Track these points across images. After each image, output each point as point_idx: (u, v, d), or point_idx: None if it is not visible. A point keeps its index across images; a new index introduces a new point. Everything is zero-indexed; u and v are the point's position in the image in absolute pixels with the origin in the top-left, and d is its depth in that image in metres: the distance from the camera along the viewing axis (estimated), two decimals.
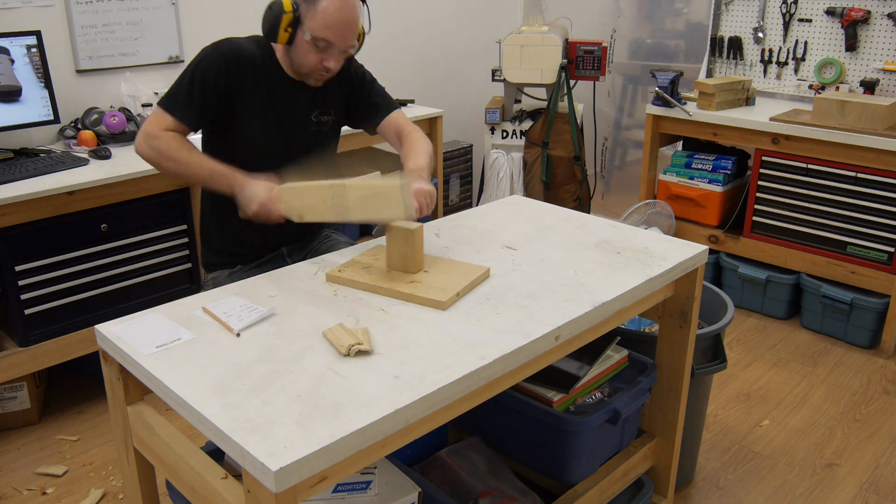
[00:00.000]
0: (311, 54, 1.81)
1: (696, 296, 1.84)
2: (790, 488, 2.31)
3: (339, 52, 1.82)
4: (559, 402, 1.73)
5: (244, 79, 1.83)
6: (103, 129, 2.78)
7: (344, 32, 1.79)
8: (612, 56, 4.27)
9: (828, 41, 3.41)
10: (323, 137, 2.01)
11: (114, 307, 2.59)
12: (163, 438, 1.34)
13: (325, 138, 2.02)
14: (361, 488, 1.52)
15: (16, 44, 2.55)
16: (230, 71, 1.80)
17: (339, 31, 1.78)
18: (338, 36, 1.78)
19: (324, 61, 1.81)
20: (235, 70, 1.81)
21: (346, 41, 1.81)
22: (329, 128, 2.02)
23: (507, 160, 3.85)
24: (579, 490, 1.80)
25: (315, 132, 1.98)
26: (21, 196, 2.26)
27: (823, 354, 3.09)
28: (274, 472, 1.02)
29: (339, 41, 1.79)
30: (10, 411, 2.56)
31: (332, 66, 1.83)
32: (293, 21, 1.78)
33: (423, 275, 1.61)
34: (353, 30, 1.81)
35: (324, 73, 1.85)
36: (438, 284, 1.56)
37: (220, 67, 1.79)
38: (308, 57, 1.81)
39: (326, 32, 1.76)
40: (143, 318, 1.47)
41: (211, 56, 1.80)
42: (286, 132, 1.93)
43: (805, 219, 3.20)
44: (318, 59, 1.81)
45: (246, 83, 1.84)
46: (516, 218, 2.05)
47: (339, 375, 1.25)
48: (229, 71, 1.80)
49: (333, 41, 1.78)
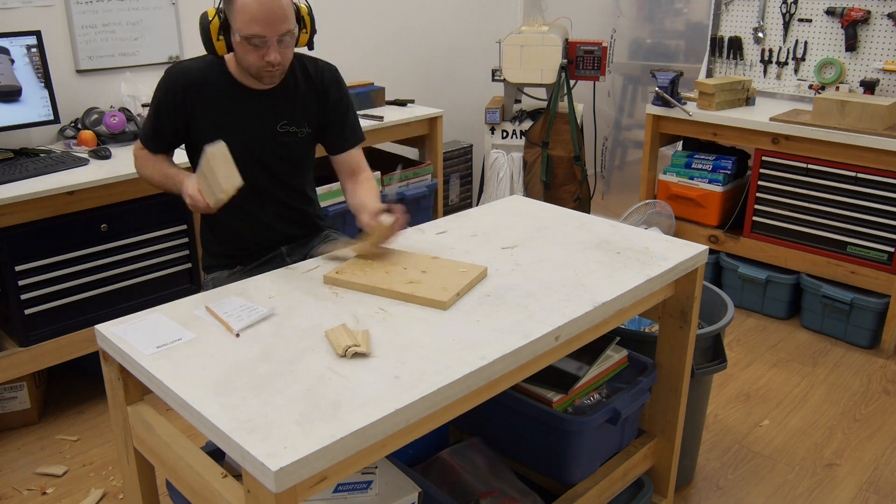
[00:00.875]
0: (249, 54, 1.76)
1: (696, 296, 1.84)
2: (790, 488, 2.31)
3: (277, 42, 1.75)
4: (559, 403, 1.73)
5: (197, 99, 1.86)
6: (103, 129, 2.78)
7: (270, 21, 1.71)
8: (612, 56, 4.27)
9: (828, 41, 3.41)
10: (295, 148, 1.98)
11: (114, 307, 2.59)
12: (163, 438, 1.34)
13: (297, 149, 1.99)
14: (362, 488, 1.52)
15: (16, 44, 2.55)
16: (182, 96, 1.85)
17: (265, 22, 1.71)
18: (266, 26, 1.71)
19: (265, 56, 1.76)
20: (187, 93, 1.85)
21: (277, 29, 1.73)
22: (301, 139, 1.98)
23: (507, 160, 3.85)
24: (579, 490, 1.80)
25: (284, 143, 1.95)
26: (21, 196, 2.27)
27: (823, 354, 3.09)
28: (274, 473, 1.02)
29: (269, 32, 1.72)
30: (10, 411, 2.56)
31: (275, 58, 1.76)
32: (220, 27, 1.77)
33: (421, 275, 1.61)
34: (279, 15, 1.72)
35: (269, 68, 1.79)
36: (438, 284, 1.56)
37: (171, 95, 1.86)
38: (248, 57, 1.77)
39: (253, 27, 1.71)
40: (143, 318, 1.47)
41: (162, 86, 1.88)
42: (250, 143, 1.91)
43: (805, 219, 3.20)
44: (259, 56, 1.76)
45: (199, 103, 1.86)
46: (516, 218, 2.05)
47: (339, 375, 1.25)
48: (181, 96, 1.85)
49: (263, 33, 1.72)
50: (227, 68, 1.90)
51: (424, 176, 3.58)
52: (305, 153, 2.03)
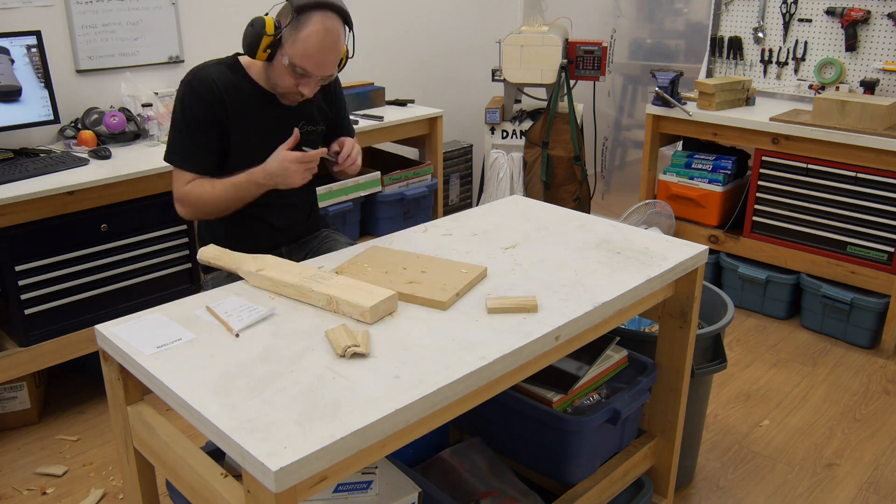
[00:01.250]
0: (287, 77, 1.79)
1: (696, 296, 1.84)
2: (790, 488, 2.31)
3: (317, 81, 1.81)
4: (559, 403, 1.73)
5: (226, 108, 1.84)
6: (103, 129, 2.78)
7: (323, 63, 1.76)
8: (612, 56, 4.27)
9: (828, 41, 3.41)
10: (314, 147, 1.99)
11: (114, 307, 2.59)
12: (163, 438, 1.34)
13: (315, 148, 1.99)
14: (362, 488, 1.52)
15: (16, 44, 2.55)
16: (213, 105, 1.82)
17: (318, 62, 1.75)
18: (316, 66, 1.76)
19: (300, 86, 1.80)
20: (217, 103, 1.83)
21: (325, 71, 1.78)
22: (317, 138, 2.02)
23: (507, 160, 3.85)
24: (579, 490, 1.80)
25: (305, 142, 1.96)
26: (21, 196, 2.27)
27: (823, 354, 3.09)
28: (274, 472, 1.02)
29: (317, 71, 1.77)
30: (10, 411, 2.56)
31: (307, 93, 1.82)
32: (274, 42, 1.77)
33: (421, 275, 1.61)
34: (332, 61, 1.78)
35: (298, 97, 1.85)
36: (438, 284, 1.56)
37: (204, 105, 1.81)
38: (284, 79, 1.80)
39: (305, 62, 1.74)
40: (143, 318, 1.47)
41: (191, 96, 1.81)
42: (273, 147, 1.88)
43: (805, 219, 3.20)
44: (294, 84, 1.80)
45: (229, 111, 1.85)
46: (516, 218, 2.05)
47: (339, 375, 1.25)
48: (212, 105, 1.82)
49: (312, 71, 1.76)
50: (246, 72, 1.89)
51: (424, 176, 3.58)
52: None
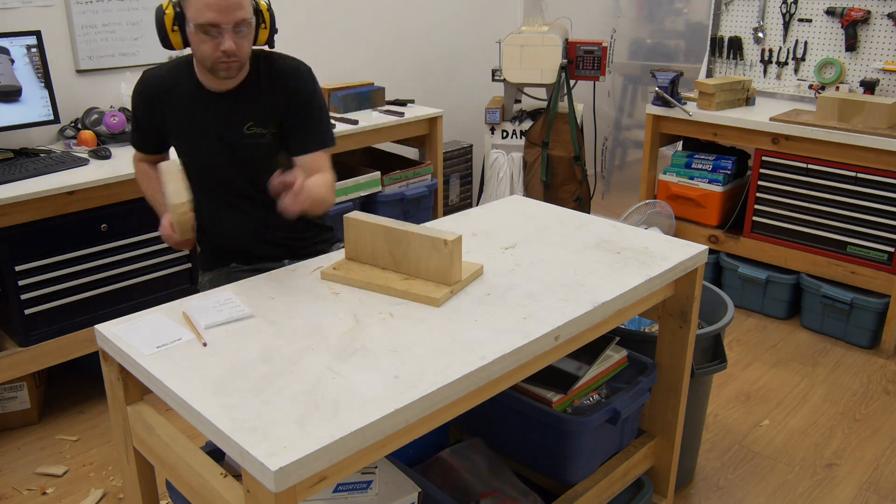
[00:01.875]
0: (203, 45, 1.72)
1: (695, 296, 1.84)
2: (790, 488, 2.31)
3: (232, 30, 1.71)
4: (558, 403, 1.73)
5: (163, 104, 1.89)
6: (103, 129, 2.78)
7: (224, 7, 1.67)
8: (612, 56, 4.27)
9: (828, 41, 3.41)
10: (261, 150, 1.90)
11: (114, 307, 2.59)
12: (163, 438, 1.34)
13: (265, 151, 1.90)
14: (362, 488, 1.52)
15: (16, 44, 2.55)
16: (150, 101, 1.90)
17: (218, 9, 1.67)
18: (219, 13, 1.67)
19: (219, 46, 1.71)
20: (155, 99, 1.89)
21: (231, 16, 1.69)
22: (268, 141, 1.90)
23: (507, 160, 3.85)
24: (579, 490, 1.80)
25: (251, 144, 1.88)
26: (21, 196, 2.27)
27: (823, 354, 3.09)
28: (273, 472, 1.02)
29: (223, 19, 1.68)
30: (10, 411, 2.56)
31: (229, 47, 1.71)
32: (176, 19, 1.76)
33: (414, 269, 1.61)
34: (234, 2, 1.69)
35: (225, 59, 1.74)
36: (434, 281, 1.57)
37: (141, 101, 1.91)
38: (203, 48, 1.73)
39: (206, 14, 1.67)
40: (143, 318, 1.47)
41: (135, 93, 1.93)
42: (216, 147, 1.88)
43: (805, 219, 3.20)
44: (214, 46, 1.71)
45: (165, 107, 1.89)
46: (516, 218, 2.05)
47: (339, 375, 1.25)
48: (149, 101, 1.90)
49: (217, 20, 1.68)
50: (193, 70, 1.86)
51: (424, 176, 3.58)
52: (274, 154, 1.93)
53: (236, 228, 2.00)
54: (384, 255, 1.64)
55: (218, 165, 1.91)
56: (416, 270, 1.60)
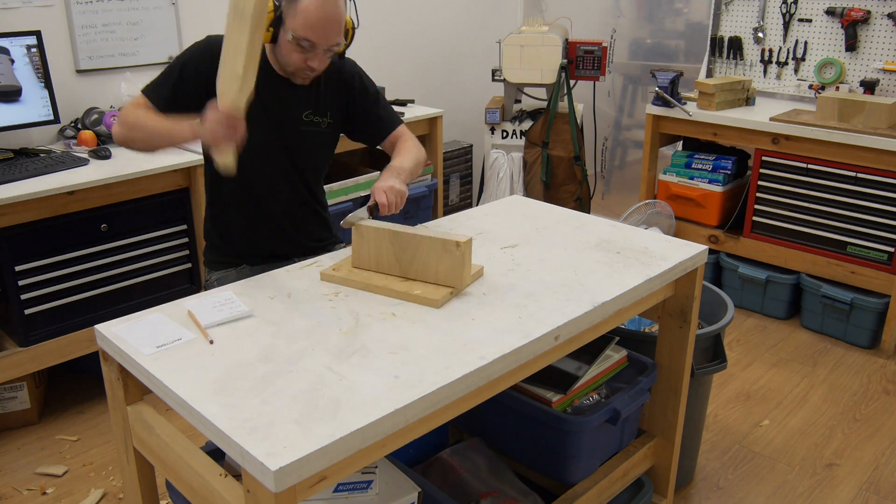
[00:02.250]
0: (294, 54, 1.78)
1: (695, 296, 1.84)
2: (790, 488, 2.31)
3: (324, 51, 1.79)
4: (558, 403, 1.73)
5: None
6: (103, 129, 2.78)
7: (326, 32, 1.75)
8: (612, 56, 4.27)
9: (828, 41, 3.41)
10: (317, 138, 1.98)
11: (114, 307, 2.59)
12: (163, 438, 1.34)
13: (320, 139, 1.99)
14: (362, 488, 1.52)
15: (16, 44, 2.55)
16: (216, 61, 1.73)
17: (321, 31, 1.74)
18: (320, 36, 1.75)
19: (308, 61, 1.79)
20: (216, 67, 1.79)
21: (329, 40, 1.77)
22: (324, 130, 1.99)
23: (507, 160, 3.85)
24: (579, 490, 1.80)
25: (307, 132, 1.95)
26: (21, 196, 2.27)
27: (823, 354, 3.09)
28: (273, 472, 1.02)
29: (321, 41, 1.76)
30: (10, 411, 2.56)
31: (317, 66, 1.80)
32: (275, 20, 1.77)
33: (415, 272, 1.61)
34: (335, 28, 1.77)
35: (308, 72, 1.83)
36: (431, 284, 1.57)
37: (206, 56, 1.78)
38: (292, 56, 1.79)
39: (308, 32, 1.73)
40: (143, 318, 1.47)
41: (199, 49, 1.83)
42: (275, 129, 1.91)
43: (805, 219, 3.20)
44: (302, 59, 1.79)
45: None
46: (516, 218, 2.05)
47: (339, 375, 1.25)
48: (209, 67, 1.75)
49: (315, 41, 1.75)
50: (264, 52, 1.88)
51: (424, 176, 3.58)
52: (326, 145, 2.03)
53: (261, 223, 1.99)
54: (390, 261, 1.64)
55: (268, 149, 1.91)
56: (425, 275, 1.59)
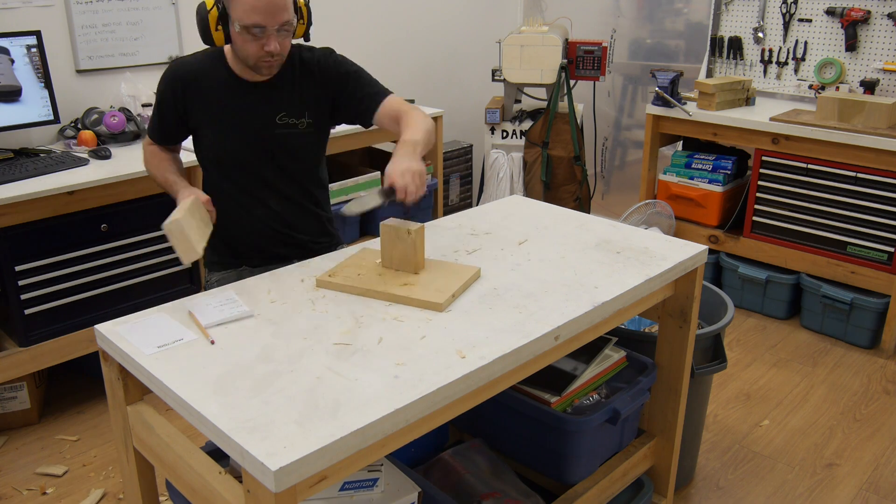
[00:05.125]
0: (248, 44, 1.76)
1: (695, 296, 1.84)
2: (790, 488, 2.31)
3: (276, 32, 1.75)
4: (557, 404, 1.73)
5: (195, 93, 1.87)
6: (103, 129, 2.78)
7: (270, 11, 1.71)
8: (612, 56, 4.27)
9: (828, 41, 3.41)
10: (296, 140, 1.94)
11: (114, 307, 2.59)
12: (163, 438, 1.34)
13: (300, 141, 1.95)
14: (368, 486, 1.52)
15: (16, 44, 2.55)
16: (180, 90, 1.88)
17: (264, 12, 1.71)
18: (266, 16, 1.71)
19: (265, 46, 1.75)
20: (184, 87, 1.87)
21: (277, 18, 1.73)
22: (302, 131, 1.94)
23: (507, 160, 3.85)
24: (579, 490, 1.80)
25: (284, 135, 1.92)
26: (21, 196, 2.27)
27: (823, 354, 3.09)
28: (274, 472, 1.02)
29: (269, 21, 1.72)
30: (10, 411, 2.56)
31: (274, 48, 1.76)
32: (219, 17, 1.77)
33: (415, 277, 1.61)
34: (279, 5, 1.73)
35: (268, 58, 1.78)
36: (433, 286, 1.56)
37: (170, 89, 1.89)
38: (247, 48, 1.77)
39: (253, 17, 1.71)
40: (143, 318, 1.47)
41: (164, 79, 1.90)
42: (249, 136, 1.89)
43: (805, 219, 3.20)
44: (258, 46, 1.76)
45: (197, 97, 1.88)
46: (516, 218, 2.05)
47: (339, 375, 1.25)
48: (179, 90, 1.88)
49: (263, 23, 1.72)
50: (226, 61, 1.89)
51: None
52: (310, 146, 1.99)
53: (257, 226, 1.99)
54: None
55: (247, 156, 1.91)
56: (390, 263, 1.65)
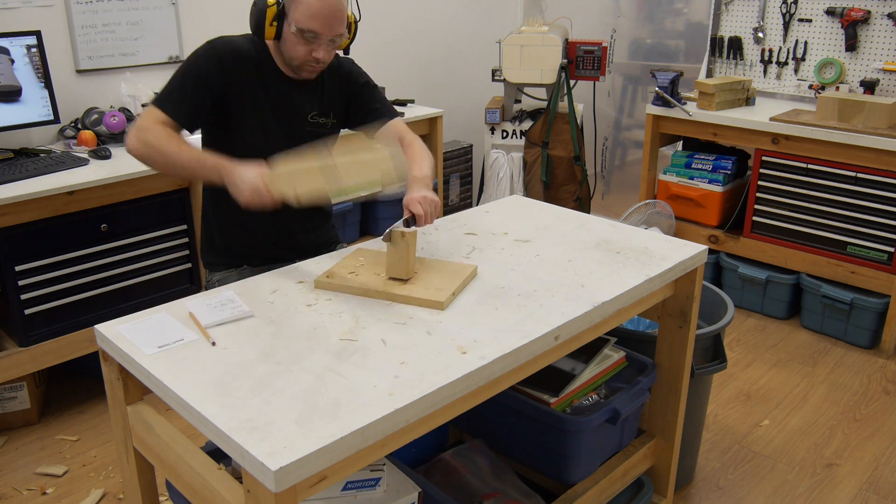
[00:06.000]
0: (298, 46, 1.79)
1: (695, 296, 1.84)
2: (790, 488, 2.31)
3: (328, 42, 1.80)
4: (556, 404, 1.73)
5: (239, 76, 1.82)
6: (103, 129, 2.78)
7: (329, 21, 1.76)
8: (612, 56, 4.27)
9: (828, 41, 3.41)
10: (322, 139, 2.00)
11: (114, 307, 2.59)
12: (163, 438, 1.34)
13: (325, 140, 2.00)
14: (370, 485, 1.52)
15: (16, 44, 2.55)
16: (224, 68, 1.79)
17: (324, 21, 1.75)
18: (323, 25, 1.76)
19: (313, 52, 1.79)
20: (230, 67, 1.80)
21: (333, 30, 1.78)
22: (327, 131, 2.01)
23: (507, 160, 3.85)
24: (579, 490, 1.80)
25: (312, 133, 1.97)
26: (21, 196, 2.27)
27: (823, 354, 3.09)
28: (274, 472, 1.02)
29: (325, 31, 1.77)
30: (10, 411, 2.56)
31: (322, 57, 1.81)
32: (277, 14, 1.78)
33: (414, 276, 1.61)
34: (338, 18, 1.78)
35: (314, 64, 1.83)
36: (432, 285, 1.56)
37: (214, 65, 1.78)
38: (296, 49, 1.80)
39: (311, 23, 1.75)
40: (143, 318, 1.47)
41: (205, 54, 1.80)
42: (283, 131, 1.92)
43: (805, 219, 3.20)
44: (307, 51, 1.79)
45: (241, 81, 1.83)
46: (516, 218, 2.05)
47: (339, 375, 1.25)
48: (223, 69, 1.79)
49: (319, 31, 1.76)
50: (269, 52, 1.89)
51: None
52: (328, 144, 2.02)
53: (263, 226, 1.97)
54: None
55: (275, 149, 1.88)
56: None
